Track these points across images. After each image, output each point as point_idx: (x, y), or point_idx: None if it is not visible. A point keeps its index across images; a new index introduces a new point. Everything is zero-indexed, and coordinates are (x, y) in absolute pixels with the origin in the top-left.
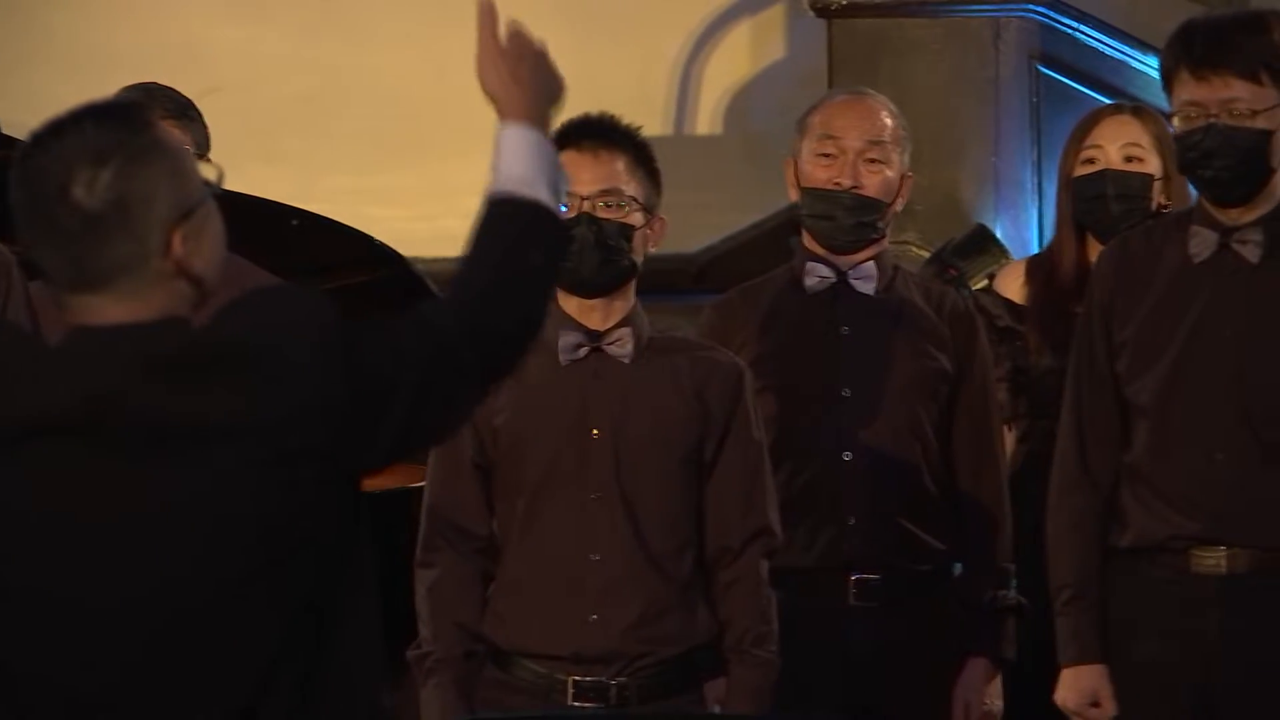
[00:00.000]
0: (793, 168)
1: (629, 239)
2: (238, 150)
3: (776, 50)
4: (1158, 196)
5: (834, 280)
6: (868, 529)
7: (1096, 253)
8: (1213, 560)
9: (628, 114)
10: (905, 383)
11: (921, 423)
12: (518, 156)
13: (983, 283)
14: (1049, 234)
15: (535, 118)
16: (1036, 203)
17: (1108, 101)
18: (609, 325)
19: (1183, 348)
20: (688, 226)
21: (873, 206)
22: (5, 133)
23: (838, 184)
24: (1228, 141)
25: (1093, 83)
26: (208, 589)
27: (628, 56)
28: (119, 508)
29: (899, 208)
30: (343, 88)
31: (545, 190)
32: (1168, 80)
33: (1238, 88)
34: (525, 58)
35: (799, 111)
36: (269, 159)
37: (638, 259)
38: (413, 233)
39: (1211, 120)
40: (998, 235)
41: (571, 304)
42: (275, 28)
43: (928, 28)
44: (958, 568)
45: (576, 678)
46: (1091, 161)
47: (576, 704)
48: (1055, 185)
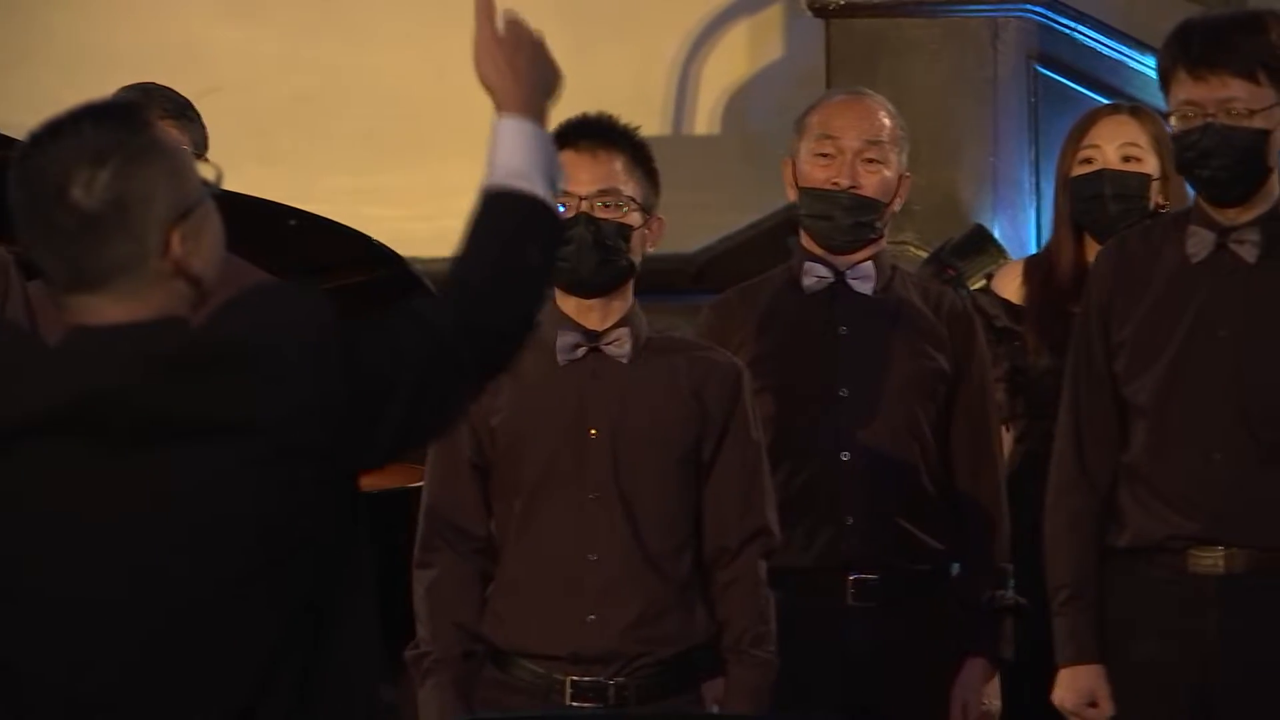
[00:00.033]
0: (791, 168)
1: (627, 239)
2: (236, 150)
3: (774, 50)
4: (1155, 196)
5: (832, 280)
6: (866, 529)
7: (1094, 253)
8: (1211, 560)
9: (626, 114)
10: (903, 383)
11: (919, 423)
12: (514, 149)
13: (981, 283)
14: (1047, 234)
15: (532, 109)
16: (1034, 203)
17: (1106, 101)
18: (607, 325)
19: (1181, 348)
20: (686, 226)
21: (871, 206)
22: (4, 133)
23: (836, 184)
24: (1225, 141)
25: (1091, 83)
26: (206, 589)
27: (626, 56)
28: (118, 507)
29: (897, 208)
30: (341, 88)
31: (542, 183)
32: (1165, 80)
33: (1235, 87)
34: (522, 48)
35: (797, 111)
36: (267, 159)
37: (636, 259)
38: (411, 233)
39: (1209, 120)
40: (996, 235)
41: (569, 304)
42: (274, 28)
43: (926, 28)
44: (956, 568)
45: (575, 678)
46: (1089, 161)
47: (575, 704)
48: (1053, 185)
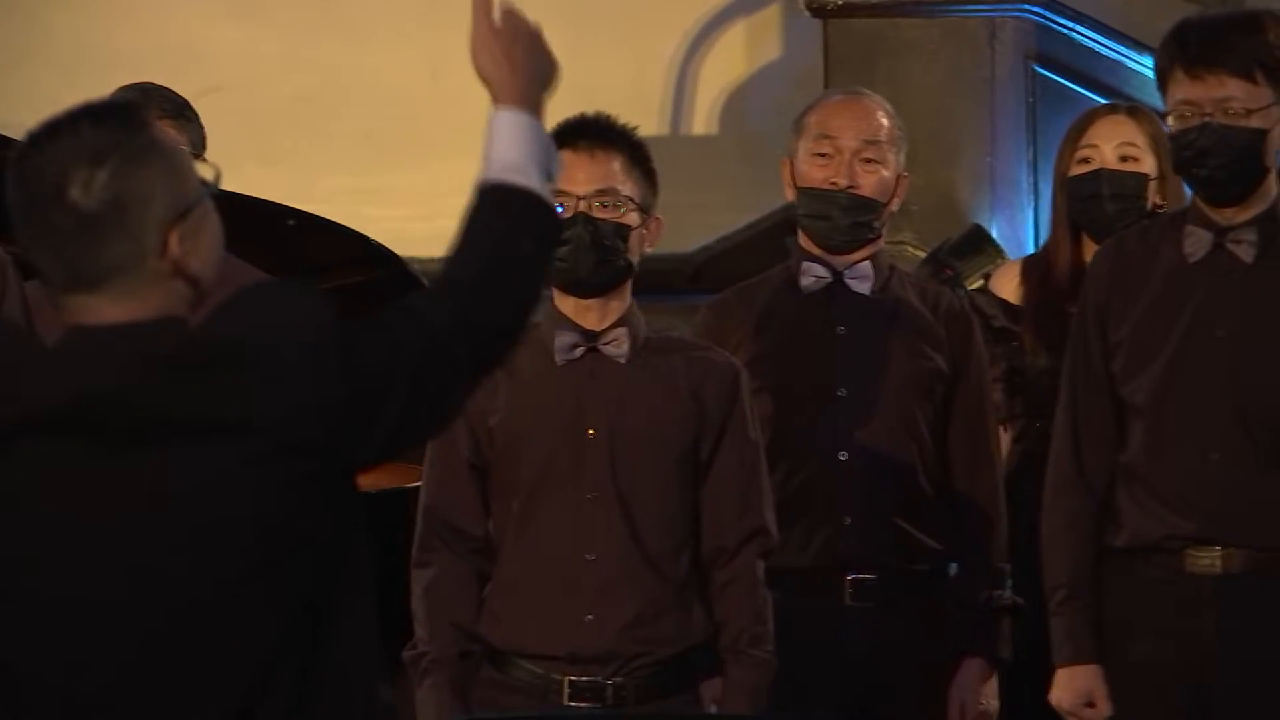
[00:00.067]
0: (789, 168)
1: (625, 239)
2: (234, 150)
3: (772, 50)
4: (1153, 196)
5: (830, 280)
6: (864, 529)
7: (1092, 252)
8: (1208, 560)
9: (624, 114)
10: (901, 383)
11: (917, 422)
12: (510, 142)
13: (979, 283)
14: (1045, 234)
15: (529, 102)
16: (1032, 202)
17: (1103, 101)
18: (605, 325)
19: (1178, 347)
20: (684, 226)
21: (869, 206)
22: (3, 133)
23: (834, 184)
24: (1222, 140)
25: (1088, 83)
26: (205, 588)
27: (623, 56)
28: (116, 507)
29: (895, 208)
30: (340, 88)
31: (537, 176)
32: (1162, 79)
33: (1232, 87)
34: (519, 39)
35: (795, 111)
36: (266, 159)
37: (634, 259)
38: (409, 232)
39: (1206, 119)
40: (994, 235)
41: (568, 304)
42: (273, 28)
43: (923, 28)
44: (953, 568)
45: (573, 678)
46: (1087, 161)
47: (573, 704)
48: (1051, 185)
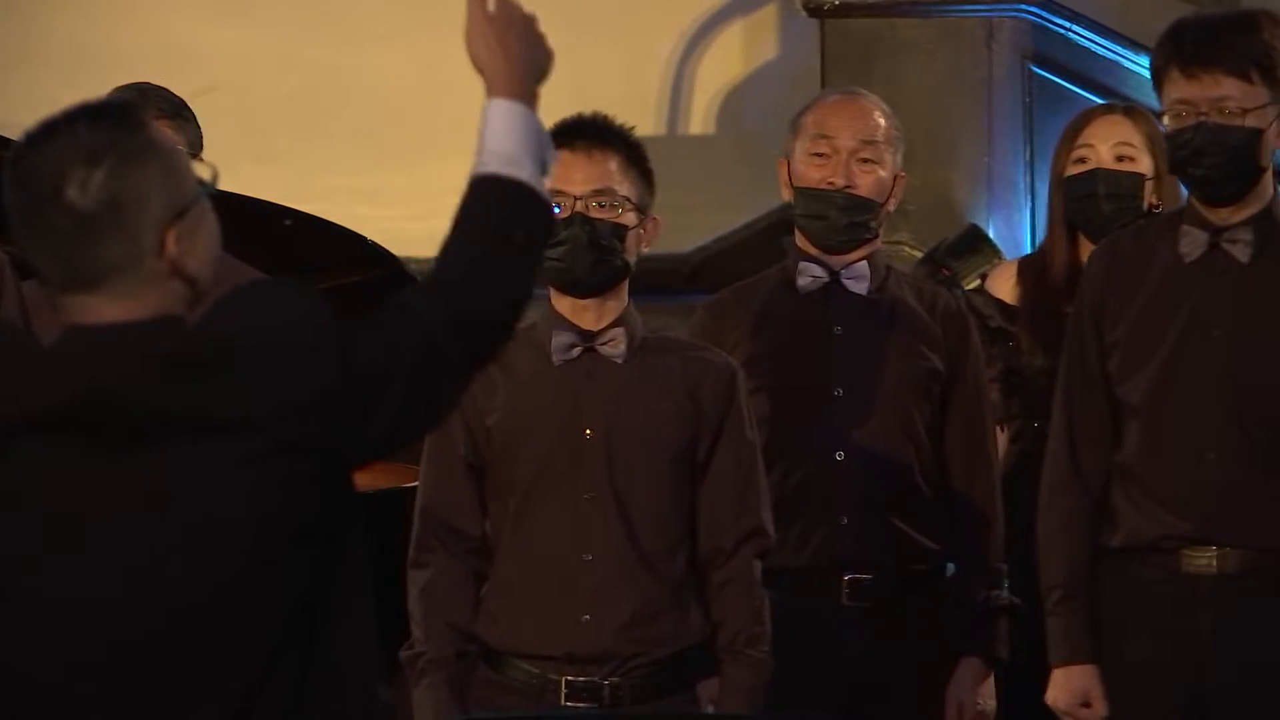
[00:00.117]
0: (786, 168)
1: (622, 239)
2: (231, 150)
3: (769, 50)
4: (1149, 196)
5: (826, 280)
6: (861, 529)
7: (1088, 252)
8: (1204, 560)
9: (620, 114)
10: (898, 383)
11: (914, 423)
12: (504, 133)
13: (975, 283)
14: (1042, 234)
15: (523, 92)
16: (1029, 203)
17: (1100, 101)
18: (602, 325)
19: (1174, 348)
20: (680, 226)
21: (866, 206)
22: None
23: (831, 184)
24: (1218, 140)
25: (1085, 83)
26: (203, 588)
27: (620, 56)
28: (114, 507)
29: (892, 208)
30: (337, 88)
31: (531, 167)
32: (1158, 79)
33: (1228, 86)
34: (514, 27)
35: (792, 111)
36: (262, 159)
37: (631, 259)
38: (406, 232)
39: (1202, 119)
40: (990, 235)
41: (564, 304)
42: (270, 28)
43: (920, 28)
44: (951, 568)
45: (569, 678)
46: (1083, 161)
47: (570, 704)
48: (1048, 185)
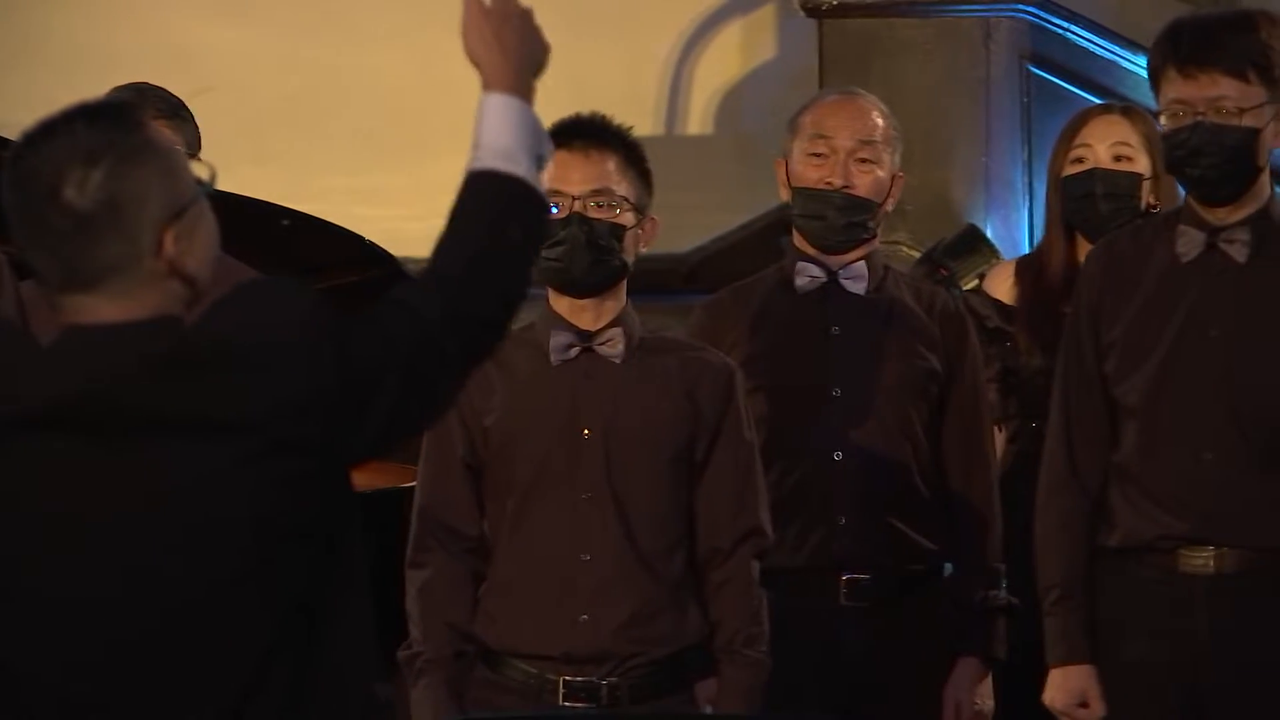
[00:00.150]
0: (784, 168)
1: (620, 239)
2: (229, 151)
3: (767, 50)
4: (1147, 196)
5: (824, 280)
6: (858, 529)
7: (1086, 252)
8: (1201, 560)
9: (618, 114)
10: (895, 383)
11: (912, 423)
12: (500, 127)
13: (974, 283)
14: (1040, 234)
15: (519, 86)
16: (1027, 203)
17: (1098, 101)
18: (600, 325)
19: (1171, 348)
20: (678, 227)
21: (864, 206)
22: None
23: (829, 184)
24: (1214, 139)
25: (1083, 83)
26: (200, 588)
27: (618, 56)
28: (112, 507)
29: (890, 208)
30: (334, 88)
31: (526, 162)
32: (1155, 78)
33: (1225, 86)
34: (510, 20)
35: (790, 111)
36: (260, 159)
37: (629, 259)
38: (404, 232)
39: (1198, 118)
40: (988, 235)
41: (563, 304)
42: (269, 28)
43: (918, 28)
44: (948, 568)
45: (567, 678)
46: (1080, 161)
47: (568, 704)
48: (1045, 185)
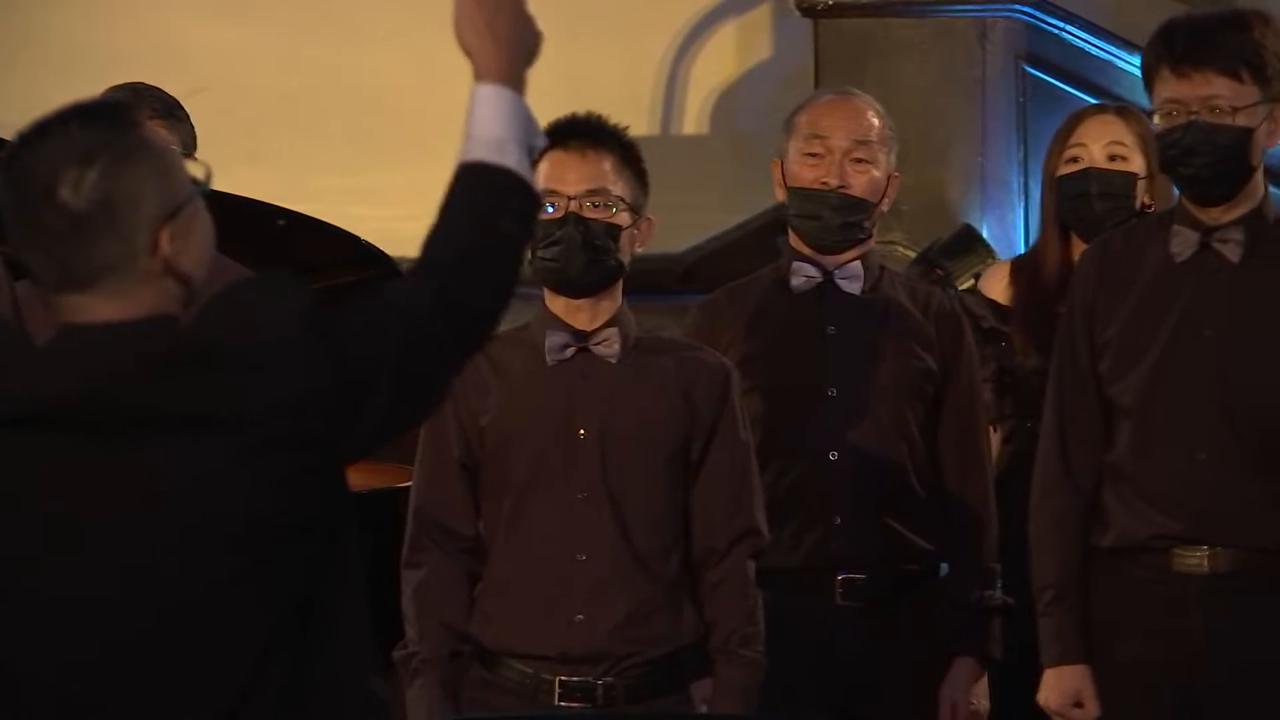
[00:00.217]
0: (779, 167)
1: (616, 239)
2: (224, 150)
3: (763, 50)
4: (1141, 196)
5: (820, 280)
6: (854, 529)
7: (1081, 252)
8: (1195, 560)
9: (614, 114)
10: (891, 382)
11: (908, 423)
12: (492, 118)
13: (969, 283)
14: (1035, 234)
15: (510, 76)
16: (1023, 203)
17: (1094, 101)
18: (596, 325)
19: (1165, 348)
20: (674, 226)
21: (859, 206)
22: None
23: (824, 184)
24: (1208, 139)
25: (1079, 83)
26: (197, 588)
27: (614, 57)
28: (110, 506)
29: (885, 208)
30: (330, 87)
31: (517, 153)
32: (1149, 78)
33: (1218, 85)
34: (503, 10)
35: (785, 111)
36: (256, 159)
37: (625, 259)
38: (400, 232)
39: (1192, 117)
40: (984, 235)
41: (558, 304)
42: (264, 28)
43: (914, 28)
44: (944, 568)
45: (563, 678)
46: (1075, 160)
47: (563, 704)
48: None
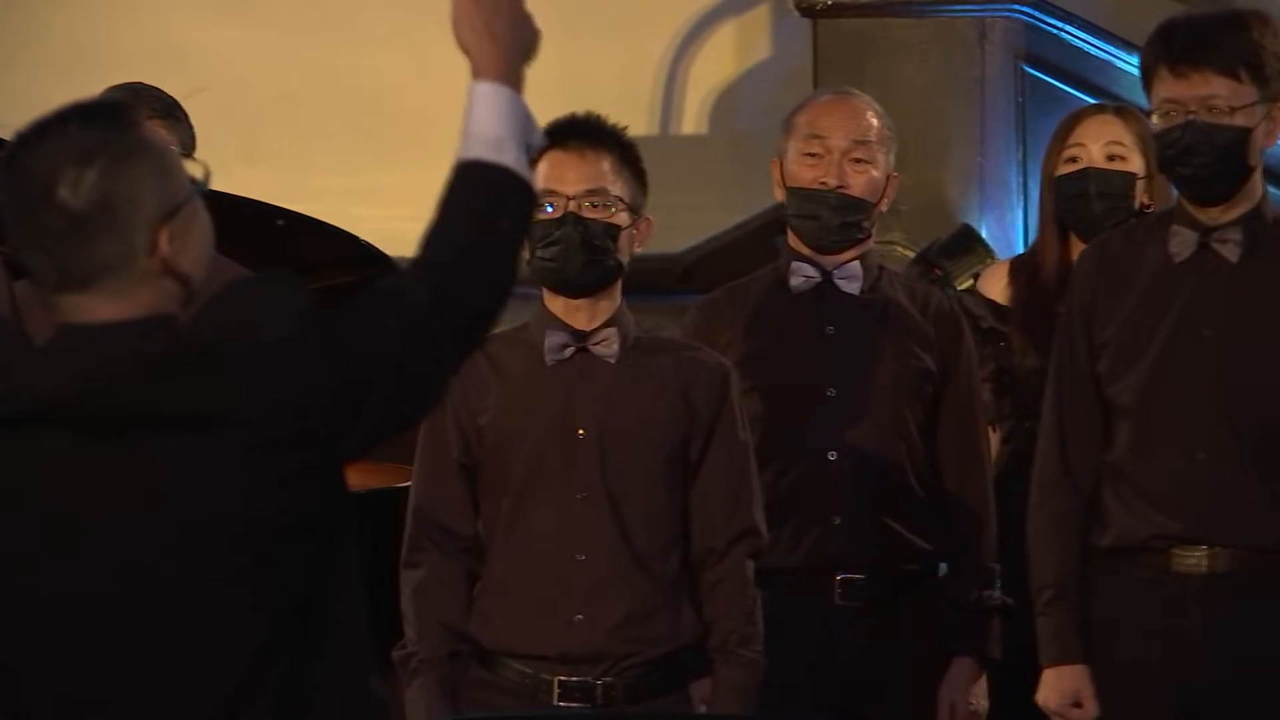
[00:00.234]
0: (778, 167)
1: (615, 239)
2: (223, 150)
3: (762, 50)
4: (1140, 196)
5: (819, 280)
6: (853, 529)
7: (1079, 252)
8: (1194, 560)
9: (613, 114)
10: (890, 382)
11: (907, 423)
12: (489, 116)
13: (968, 283)
14: (1034, 234)
15: (508, 74)
16: (1022, 203)
17: (1093, 101)
18: (595, 325)
19: (1164, 348)
20: (673, 226)
21: (858, 206)
22: None
23: (823, 184)
24: (1206, 138)
25: (1078, 83)
26: (196, 588)
27: (613, 56)
28: (110, 506)
29: (884, 208)
30: (329, 87)
31: (515, 151)
32: (1147, 78)
33: (1216, 85)
34: (501, 8)
35: (784, 111)
36: (255, 159)
37: (624, 259)
38: (399, 232)
39: (1190, 117)
40: (983, 235)
41: (557, 304)
42: (263, 28)
43: (913, 28)
44: (943, 568)
45: (562, 678)
46: (1074, 160)
47: (562, 704)
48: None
